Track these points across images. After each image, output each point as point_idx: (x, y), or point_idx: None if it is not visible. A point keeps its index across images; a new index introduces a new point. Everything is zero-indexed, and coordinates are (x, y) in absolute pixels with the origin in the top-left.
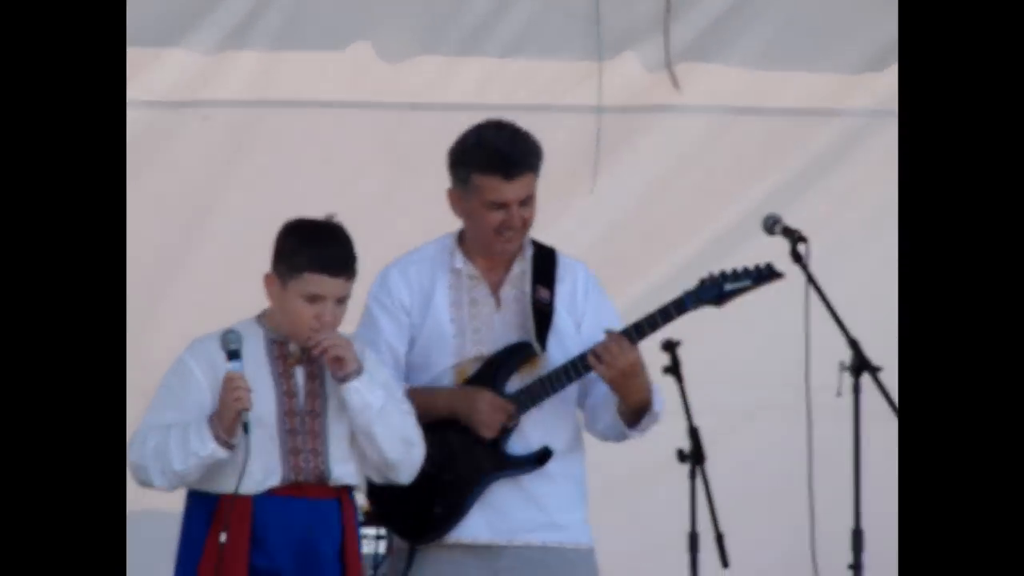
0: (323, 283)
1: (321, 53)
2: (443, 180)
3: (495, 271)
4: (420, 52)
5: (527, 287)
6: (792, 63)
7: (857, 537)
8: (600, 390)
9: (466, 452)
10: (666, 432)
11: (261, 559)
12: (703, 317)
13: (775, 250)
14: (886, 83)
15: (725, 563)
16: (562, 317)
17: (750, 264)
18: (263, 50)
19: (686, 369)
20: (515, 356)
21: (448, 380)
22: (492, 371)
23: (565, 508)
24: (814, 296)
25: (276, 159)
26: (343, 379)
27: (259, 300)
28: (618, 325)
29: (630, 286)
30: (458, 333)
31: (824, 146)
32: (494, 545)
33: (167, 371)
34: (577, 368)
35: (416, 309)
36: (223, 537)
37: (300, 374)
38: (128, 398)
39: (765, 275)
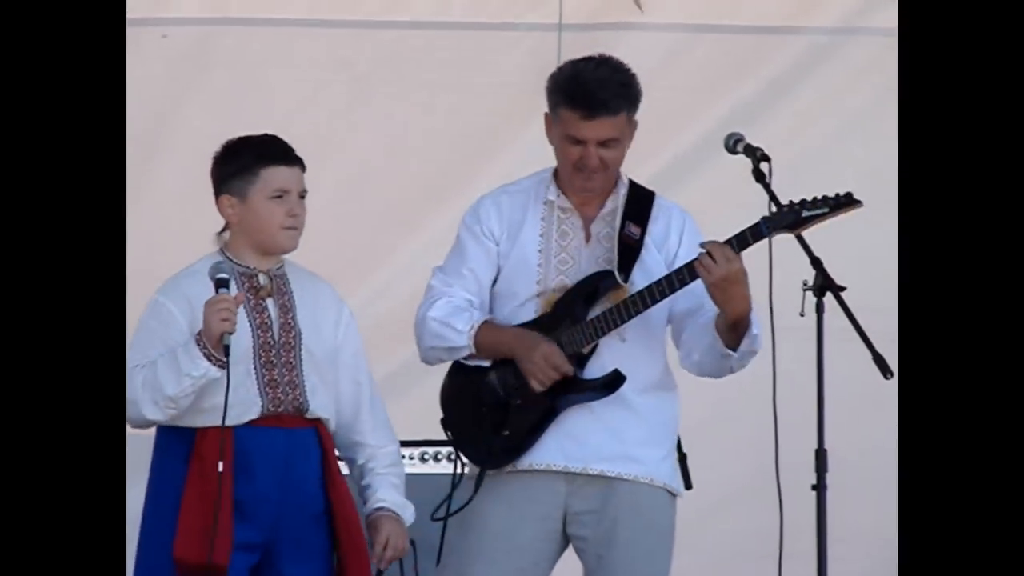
0: (282, 174)
1: None
2: (402, 98)
3: (588, 206)
4: None
5: (616, 223)
6: None
7: (820, 457)
8: (697, 324)
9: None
10: None
11: (245, 489)
12: None
13: (737, 169)
14: (849, 0)
15: (688, 484)
16: (651, 252)
17: (829, 192)
18: None
19: None
20: (598, 285)
21: (532, 309)
22: (574, 299)
23: (644, 443)
24: None
25: (235, 77)
26: None
27: (219, 219)
28: None
29: None
30: (543, 262)
31: (786, 64)
32: (567, 472)
33: (144, 314)
34: (678, 279)
35: (505, 238)
36: (220, 466)
37: (272, 306)
38: None
39: (843, 202)
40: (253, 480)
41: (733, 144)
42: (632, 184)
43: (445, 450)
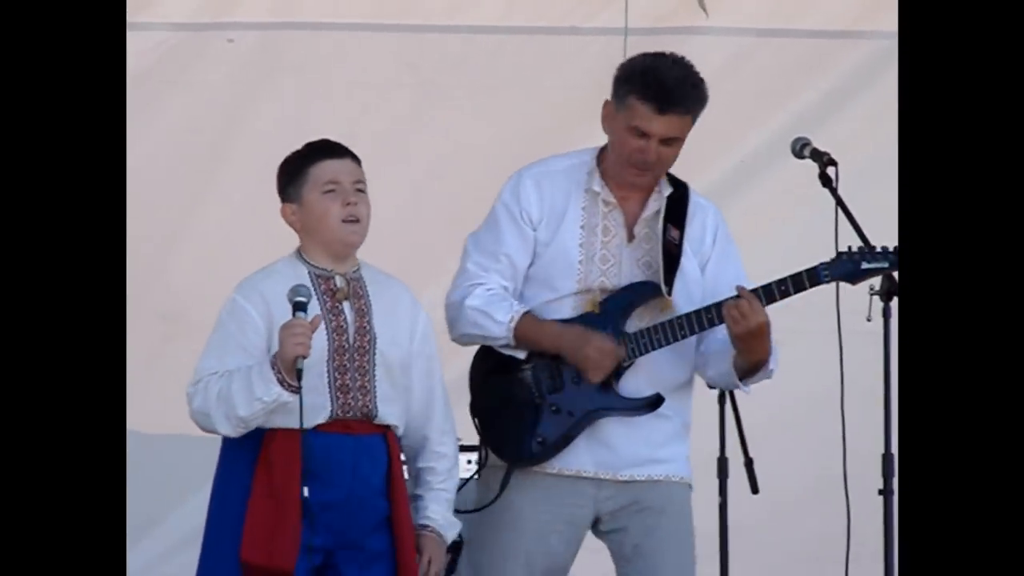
0: (332, 167)
1: None
2: (467, 103)
3: (631, 201)
4: None
5: (659, 225)
6: None
7: (887, 462)
8: (717, 340)
9: (576, 384)
10: None
11: (312, 494)
12: None
13: (804, 174)
14: None
15: (755, 489)
16: (688, 258)
17: (889, 245)
18: None
19: None
20: (641, 295)
21: (570, 305)
22: (617, 306)
23: (669, 443)
24: (843, 220)
25: (300, 82)
26: None
27: (283, 222)
28: (741, 272)
29: None
30: (586, 259)
31: (852, 68)
32: (597, 478)
33: (222, 314)
34: (707, 319)
35: (544, 225)
36: (306, 491)
37: (348, 310)
38: (153, 327)
39: (895, 263)
40: (320, 486)
41: (800, 148)
42: (671, 179)
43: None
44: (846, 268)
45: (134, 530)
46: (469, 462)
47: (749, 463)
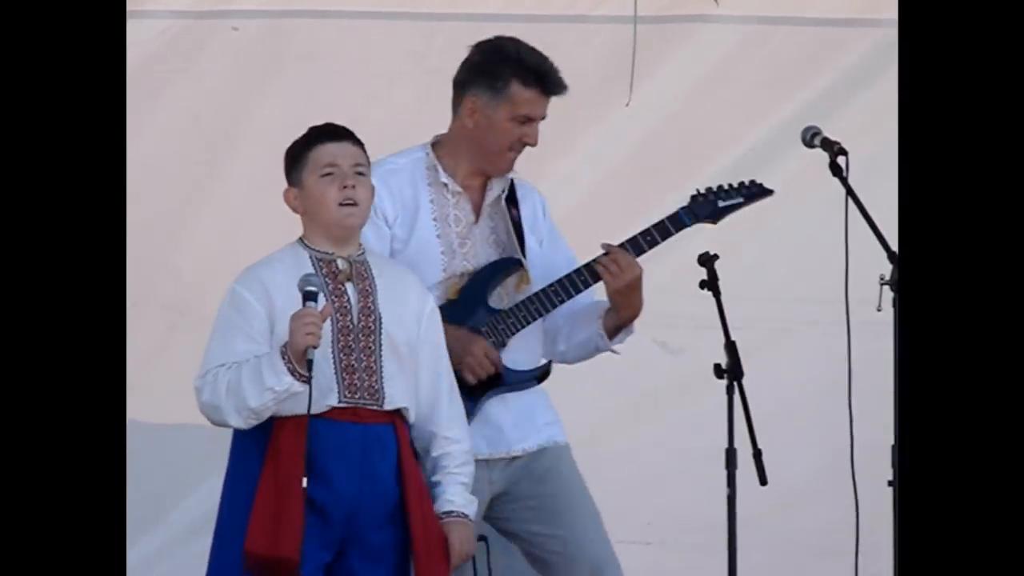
0: (330, 150)
1: None
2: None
3: (474, 189)
4: None
5: (502, 206)
6: None
7: (897, 452)
8: (577, 306)
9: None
10: (703, 347)
11: (319, 486)
12: (740, 231)
13: (814, 162)
14: None
15: (763, 480)
16: (529, 235)
17: (735, 181)
18: None
19: (723, 283)
20: (501, 272)
21: (435, 294)
22: (480, 286)
23: (543, 412)
24: (854, 209)
25: (306, 70)
26: None
27: (290, 212)
28: (570, 250)
29: (665, 198)
30: (446, 250)
31: (862, 56)
32: (490, 459)
33: (222, 305)
34: (580, 281)
35: (400, 222)
36: (304, 482)
37: (352, 291)
38: (159, 317)
39: (755, 192)
40: (327, 477)
41: (810, 138)
42: None
43: None
44: (705, 209)
45: (140, 521)
46: None
47: (757, 454)
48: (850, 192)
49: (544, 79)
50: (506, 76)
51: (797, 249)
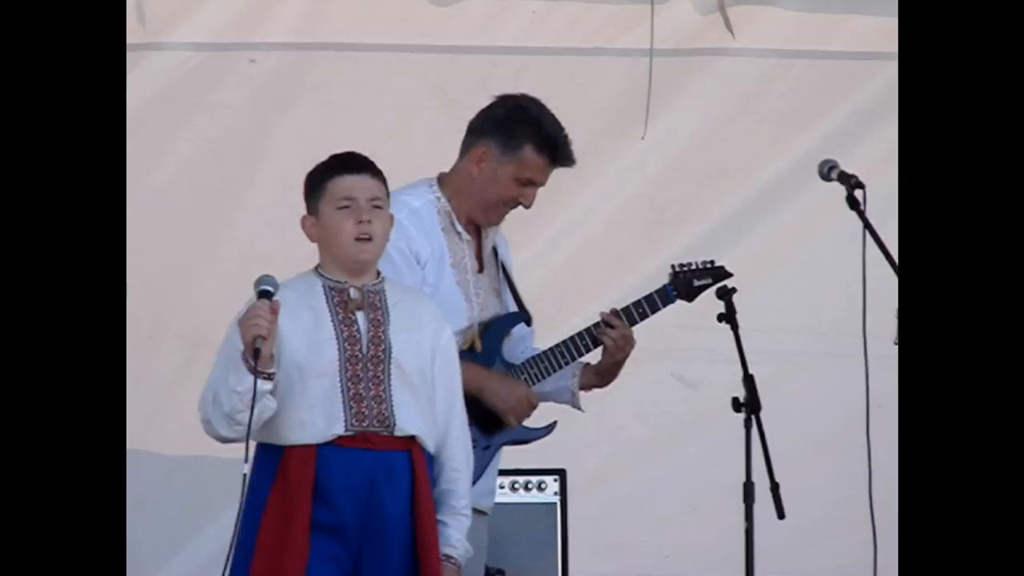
0: (348, 182)
1: None
2: None
3: (473, 237)
4: None
5: (494, 257)
6: (846, 5)
7: None
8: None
9: (487, 418)
10: (721, 380)
11: (324, 512)
12: (758, 264)
13: (831, 196)
14: None
15: (781, 514)
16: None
17: (700, 260)
18: None
19: (741, 316)
20: (507, 326)
21: (459, 343)
22: (495, 339)
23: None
24: (871, 242)
25: (324, 102)
26: None
27: (309, 242)
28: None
29: (682, 231)
30: (466, 298)
31: (880, 90)
32: (487, 509)
33: (229, 330)
34: (583, 345)
35: (431, 267)
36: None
37: (362, 320)
38: (176, 349)
39: (720, 274)
40: (333, 503)
41: (827, 171)
42: None
43: (535, 479)
44: (684, 287)
45: (159, 552)
46: (502, 487)
47: (775, 488)
48: (867, 225)
49: (556, 151)
50: (522, 137)
51: (814, 282)
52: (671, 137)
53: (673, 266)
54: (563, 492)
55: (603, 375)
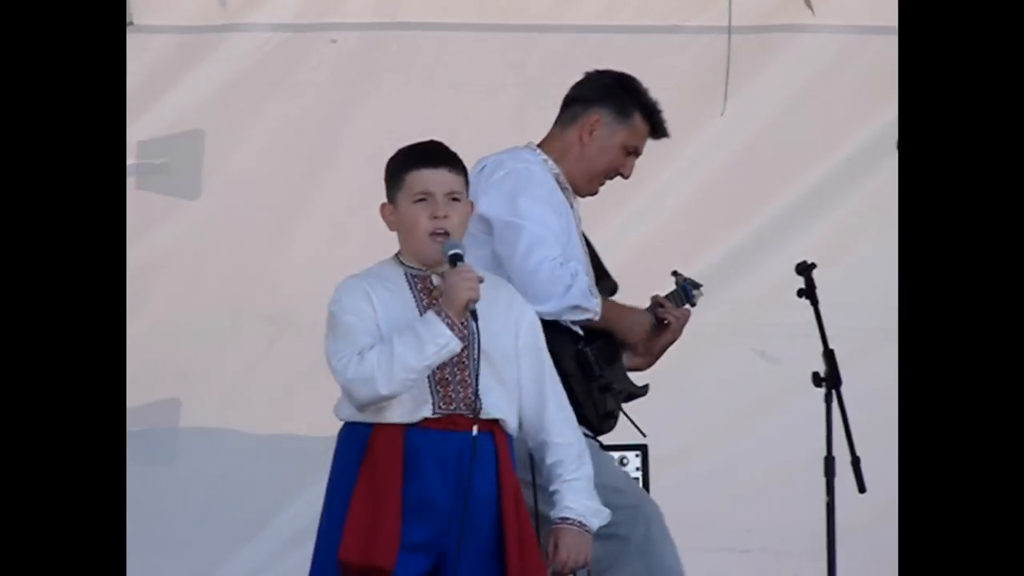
0: (424, 176)
1: None
2: None
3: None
4: None
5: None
6: None
7: None
8: None
9: (613, 364)
10: (801, 355)
11: (415, 492)
12: (836, 240)
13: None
14: None
15: (862, 488)
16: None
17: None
18: None
19: (821, 292)
20: (606, 293)
21: None
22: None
23: None
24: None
25: (404, 82)
26: None
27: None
28: None
29: (762, 207)
30: (585, 265)
31: None
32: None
33: (332, 315)
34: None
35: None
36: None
37: None
38: (259, 330)
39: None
40: (423, 484)
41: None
42: None
43: (617, 455)
44: (688, 292)
45: (242, 531)
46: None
47: (856, 462)
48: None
49: (658, 122)
50: (631, 105)
51: (893, 257)
52: (750, 114)
53: (680, 278)
54: (645, 467)
55: (647, 358)
